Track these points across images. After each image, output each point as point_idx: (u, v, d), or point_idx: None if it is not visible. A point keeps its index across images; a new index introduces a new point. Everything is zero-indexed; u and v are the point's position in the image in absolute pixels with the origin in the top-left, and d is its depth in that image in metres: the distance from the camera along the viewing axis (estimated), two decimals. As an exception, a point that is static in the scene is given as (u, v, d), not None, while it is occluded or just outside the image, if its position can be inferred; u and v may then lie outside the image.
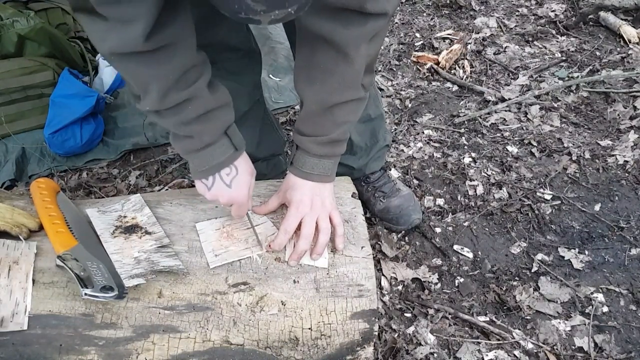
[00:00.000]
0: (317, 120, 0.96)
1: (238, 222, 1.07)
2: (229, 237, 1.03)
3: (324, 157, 1.00)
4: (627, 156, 1.80)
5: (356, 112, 1.00)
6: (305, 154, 1.00)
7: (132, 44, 0.77)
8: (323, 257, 1.01)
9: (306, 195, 1.01)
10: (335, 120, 0.96)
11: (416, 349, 1.30)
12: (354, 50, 0.86)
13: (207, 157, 0.94)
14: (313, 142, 0.98)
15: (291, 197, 1.02)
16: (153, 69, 0.81)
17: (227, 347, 0.94)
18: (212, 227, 1.04)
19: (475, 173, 1.80)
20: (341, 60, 0.87)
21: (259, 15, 0.64)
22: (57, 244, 0.95)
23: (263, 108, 1.51)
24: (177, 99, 0.86)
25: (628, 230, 1.57)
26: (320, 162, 1.00)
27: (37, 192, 1.08)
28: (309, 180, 1.01)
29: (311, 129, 0.98)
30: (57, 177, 1.91)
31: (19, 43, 2.01)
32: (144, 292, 0.94)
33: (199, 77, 0.88)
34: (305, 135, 0.99)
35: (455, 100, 2.19)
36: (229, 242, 1.02)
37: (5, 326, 0.88)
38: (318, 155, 1.00)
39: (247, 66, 1.36)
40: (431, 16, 2.79)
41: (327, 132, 0.97)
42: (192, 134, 0.91)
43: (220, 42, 1.24)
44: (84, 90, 1.96)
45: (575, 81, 2.16)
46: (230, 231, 1.04)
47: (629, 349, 1.30)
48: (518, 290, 1.43)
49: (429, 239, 1.60)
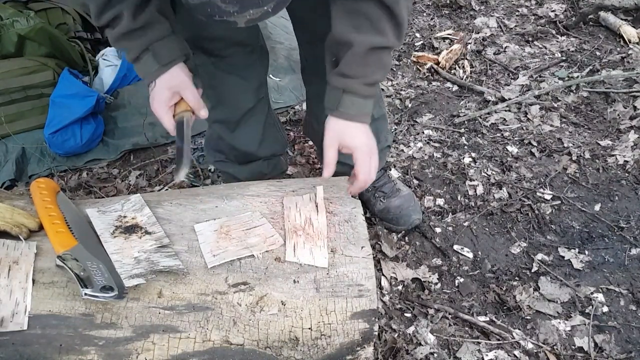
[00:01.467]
0: (365, 62, 1.00)
1: (236, 222, 1.06)
2: (227, 238, 1.03)
3: (369, 98, 1.05)
4: (627, 156, 1.80)
5: (390, 60, 1.08)
6: (354, 95, 1.03)
7: None
8: (322, 256, 1.01)
9: (367, 138, 1.07)
10: (380, 61, 1.02)
11: (416, 349, 1.30)
12: (395, 4, 0.94)
13: (139, 70, 1.05)
14: (362, 82, 1.02)
15: (353, 142, 1.06)
16: None
17: (227, 347, 0.94)
18: (211, 228, 1.04)
19: (475, 173, 1.80)
20: (386, 12, 0.95)
21: (233, 16, 0.65)
22: (57, 244, 0.95)
23: (267, 107, 1.50)
24: (107, 18, 0.98)
25: (628, 230, 1.57)
26: (366, 102, 1.05)
27: (37, 192, 1.08)
28: (357, 121, 1.05)
29: (360, 71, 1.01)
30: (57, 177, 1.91)
31: (19, 43, 2.01)
32: (144, 292, 0.94)
33: None
34: (352, 77, 1.02)
35: (455, 100, 2.19)
36: (227, 242, 1.02)
37: (5, 326, 0.88)
38: (365, 95, 1.04)
39: (254, 62, 1.37)
40: (431, 16, 2.79)
41: (373, 73, 1.02)
42: (124, 48, 1.03)
43: (228, 37, 1.26)
44: (84, 90, 1.96)
45: (575, 81, 2.16)
46: (228, 232, 1.04)
47: (629, 349, 1.30)
48: (518, 290, 1.43)
49: (429, 239, 1.60)
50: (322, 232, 1.05)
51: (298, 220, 1.06)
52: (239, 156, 1.51)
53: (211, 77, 1.31)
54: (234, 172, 1.57)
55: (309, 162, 1.92)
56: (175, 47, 1.03)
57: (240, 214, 1.08)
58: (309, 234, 1.04)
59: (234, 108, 1.40)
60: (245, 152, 1.49)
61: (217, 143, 1.51)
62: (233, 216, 1.08)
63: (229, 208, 1.10)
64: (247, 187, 1.17)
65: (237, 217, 1.08)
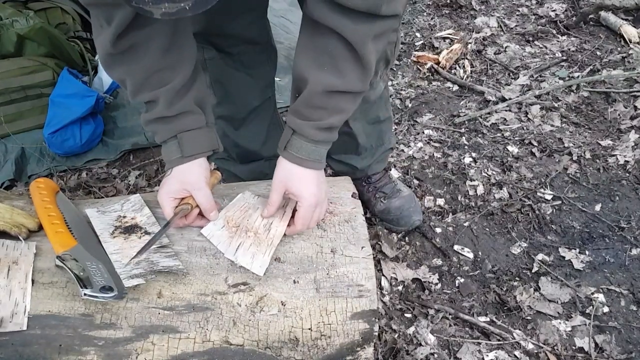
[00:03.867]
0: (320, 103, 0.94)
1: (237, 211, 1.05)
2: (238, 230, 1.02)
3: (320, 143, 0.99)
4: (628, 156, 1.80)
5: (355, 104, 1.00)
6: (303, 139, 0.98)
7: (104, 47, 0.90)
8: (260, 265, 0.98)
9: (315, 186, 1.00)
10: (337, 105, 0.95)
11: (416, 350, 1.30)
12: (362, 46, 0.87)
13: (163, 153, 1.04)
14: (313, 126, 0.96)
15: (299, 191, 0.99)
16: (124, 66, 0.93)
17: (226, 348, 0.94)
18: (217, 227, 1.03)
19: (475, 173, 1.80)
20: (351, 53, 0.88)
21: (148, 5, 0.64)
22: (56, 244, 0.95)
23: (273, 107, 1.50)
24: (143, 99, 0.97)
25: (629, 231, 1.57)
26: (317, 148, 0.98)
27: (37, 192, 1.08)
28: (306, 167, 0.99)
29: (312, 113, 0.96)
30: (57, 177, 1.91)
31: (18, 43, 2.01)
32: (143, 293, 0.94)
33: (164, 84, 0.94)
34: (304, 119, 0.97)
35: (455, 100, 2.19)
36: (242, 236, 1.01)
37: (5, 326, 0.87)
38: (315, 140, 0.98)
39: (263, 61, 1.36)
40: (431, 16, 2.79)
41: (327, 116, 0.96)
42: (153, 131, 1.02)
43: (238, 35, 1.25)
44: (84, 90, 1.95)
45: (576, 81, 2.15)
46: (236, 223, 1.03)
47: (629, 349, 1.29)
48: (518, 290, 1.43)
49: (429, 239, 1.60)
50: (274, 241, 1.01)
51: (257, 222, 1.04)
52: (241, 154, 1.51)
53: (220, 73, 1.31)
54: (235, 170, 1.57)
55: (309, 162, 1.91)
56: (202, 141, 1.02)
57: (232, 201, 1.08)
58: (260, 238, 1.01)
59: (240, 105, 1.40)
60: (248, 150, 1.49)
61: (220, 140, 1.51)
62: (228, 207, 1.06)
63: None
64: (247, 187, 1.17)
65: (233, 205, 1.07)
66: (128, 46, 0.89)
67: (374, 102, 1.37)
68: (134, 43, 0.89)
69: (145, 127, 1.02)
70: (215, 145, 1.05)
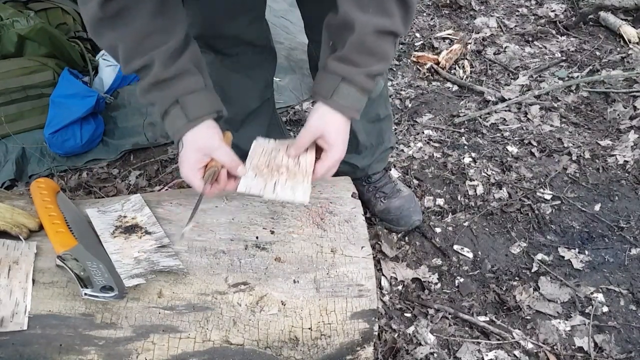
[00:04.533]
0: (371, 46, 0.91)
1: (261, 157, 1.02)
2: (270, 171, 0.99)
3: (366, 92, 0.96)
4: (627, 156, 1.80)
5: (395, 51, 0.97)
6: (352, 86, 0.94)
7: (92, 12, 0.85)
8: (303, 192, 0.96)
9: (342, 136, 0.97)
10: (385, 50, 0.93)
11: (416, 349, 1.30)
12: None
13: (168, 127, 0.97)
14: (363, 73, 0.93)
15: (334, 140, 0.97)
16: (114, 32, 0.89)
17: (227, 347, 0.94)
18: (249, 178, 0.99)
19: (475, 173, 1.80)
20: None
21: None
22: (57, 244, 0.95)
23: (272, 108, 1.50)
24: (136, 65, 0.92)
25: (628, 230, 1.57)
26: (363, 97, 0.96)
27: (37, 192, 1.08)
28: (347, 117, 0.96)
29: (362, 59, 0.92)
30: (57, 177, 1.91)
31: (19, 43, 2.01)
32: (144, 292, 0.94)
33: (157, 46, 0.90)
34: (354, 65, 0.92)
35: (455, 100, 2.19)
36: (274, 174, 0.98)
37: (5, 326, 0.88)
38: (363, 88, 0.95)
39: (262, 63, 1.36)
40: (431, 16, 2.79)
41: (376, 63, 0.93)
42: (151, 101, 0.96)
43: (237, 36, 1.25)
44: (84, 90, 1.95)
45: (575, 81, 2.16)
46: (265, 167, 1.00)
47: (629, 349, 1.30)
48: (518, 290, 1.43)
49: (429, 239, 1.60)
50: (308, 170, 0.98)
51: (285, 161, 1.01)
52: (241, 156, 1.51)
53: (218, 75, 1.30)
54: None
55: (309, 162, 1.91)
56: (205, 103, 0.97)
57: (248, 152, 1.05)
58: (294, 171, 0.99)
59: (239, 107, 1.40)
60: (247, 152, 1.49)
61: None
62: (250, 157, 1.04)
63: (229, 208, 1.10)
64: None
65: (254, 154, 1.04)
66: (117, 9, 0.86)
67: (374, 99, 1.37)
68: (123, 6, 0.86)
69: (142, 98, 0.96)
70: (219, 107, 1.00)
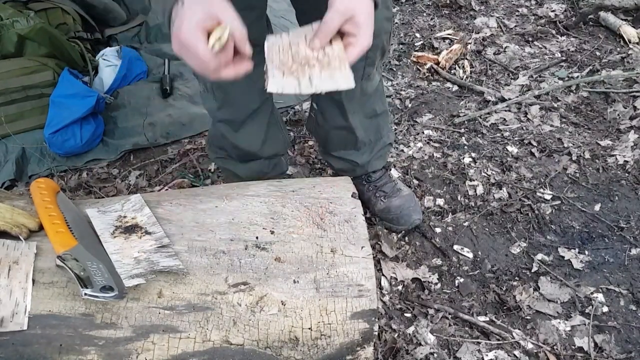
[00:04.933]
0: None
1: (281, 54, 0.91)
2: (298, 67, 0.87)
3: None
4: (627, 156, 1.80)
5: None
6: None
7: None
8: (344, 77, 0.85)
9: (371, 19, 0.86)
10: None
11: (416, 349, 1.30)
12: None
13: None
14: None
15: (365, 24, 0.85)
16: None
17: (227, 347, 0.94)
18: (279, 77, 0.88)
19: (475, 173, 1.80)
20: None
21: None
22: (57, 244, 0.95)
23: (272, 107, 1.50)
24: None
25: (628, 230, 1.57)
26: None
27: (37, 192, 1.08)
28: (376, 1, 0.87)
29: None
30: (57, 177, 1.91)
31: (19, 43, 2.01)
32: (143, 292, 0.94)
33: None
34: None
35: (455, 100, 2.19)
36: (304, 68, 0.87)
37: (5, 326, 0.88)
38: None
39: (261, 62, 1.36)
40: (431, 16, 2.79)
41: None
42: None
43: None
44: (84, 90, 1.95)
45: (575, 81, 2.16)
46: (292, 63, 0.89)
47: (629, 349, 1.30)
48: (518, 290, 1.43)
49: (429, 239, 1.60)
50: (340, 54, 0.86)
51: (309, 53, 0.88)
52: (241, 155, 1.52)
53: None
54: (235, 169, 1.57)
55: (309, 162, 1.92)
56: None
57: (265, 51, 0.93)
58: (325, 60, 0.87)
59: (239, 108, 1.40)
60: (247, 151, 1.50)
61: (219, 140, 1.52)
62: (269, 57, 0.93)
63: (229, 208, 1.10)
64: (247, 187, 1.17)
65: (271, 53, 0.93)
66: None
67: (371, 94, 1.38)
68: None
69: None
70: None
